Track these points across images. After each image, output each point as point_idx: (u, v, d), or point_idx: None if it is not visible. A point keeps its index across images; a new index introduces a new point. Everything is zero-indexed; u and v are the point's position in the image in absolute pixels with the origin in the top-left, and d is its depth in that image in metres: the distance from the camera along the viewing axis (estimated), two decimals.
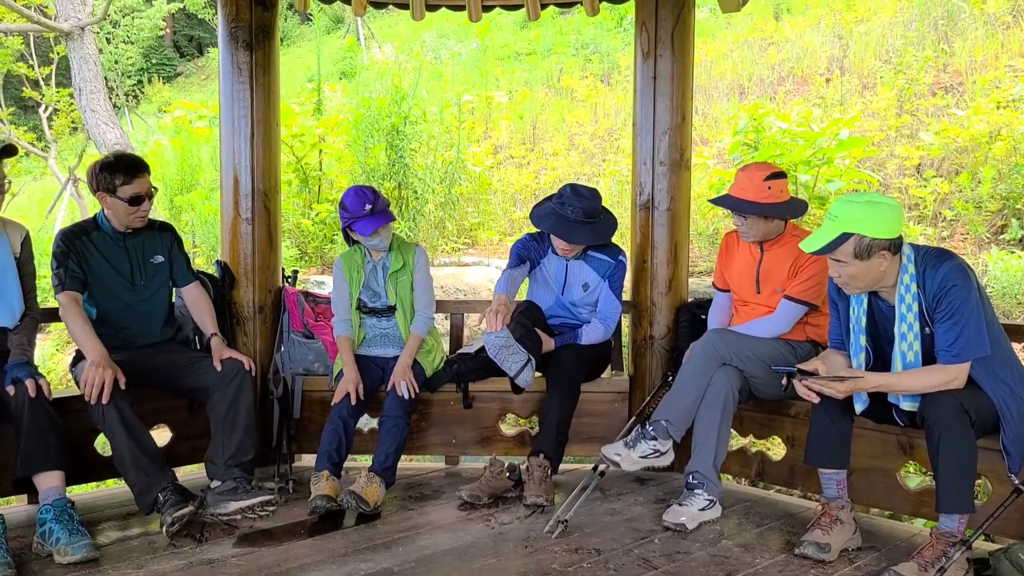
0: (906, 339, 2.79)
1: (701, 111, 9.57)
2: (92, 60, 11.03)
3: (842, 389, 2.81)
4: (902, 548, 3.00)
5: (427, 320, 3.83)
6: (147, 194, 3.48)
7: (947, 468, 2.68)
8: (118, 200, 3.41)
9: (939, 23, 9.56)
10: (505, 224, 8.89)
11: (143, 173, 3.46)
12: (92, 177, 3.45)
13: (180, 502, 3.07)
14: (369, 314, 3.83)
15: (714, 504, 3.28)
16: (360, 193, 3.66)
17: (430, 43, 14.77)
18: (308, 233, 8.31)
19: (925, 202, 7.28)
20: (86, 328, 3.30)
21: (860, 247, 2.69)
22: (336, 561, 2.89)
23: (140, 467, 3.14)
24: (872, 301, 2.90)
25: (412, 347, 3.75)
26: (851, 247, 2.70)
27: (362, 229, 3.63)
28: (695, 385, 3.30)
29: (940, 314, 2.72)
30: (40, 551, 2.91)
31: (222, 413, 3.36)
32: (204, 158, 9.79)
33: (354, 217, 3.64)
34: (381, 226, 3.65)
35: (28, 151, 13.13)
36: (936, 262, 2.75)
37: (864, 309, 2.90)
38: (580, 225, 3.70)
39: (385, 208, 3.71)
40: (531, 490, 3.44)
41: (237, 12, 3.95)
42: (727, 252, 3.70)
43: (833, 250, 2.72)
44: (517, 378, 3.50)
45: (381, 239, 3.72)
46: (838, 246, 2.71)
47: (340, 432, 3.52)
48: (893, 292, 2.81)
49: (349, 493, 3.27)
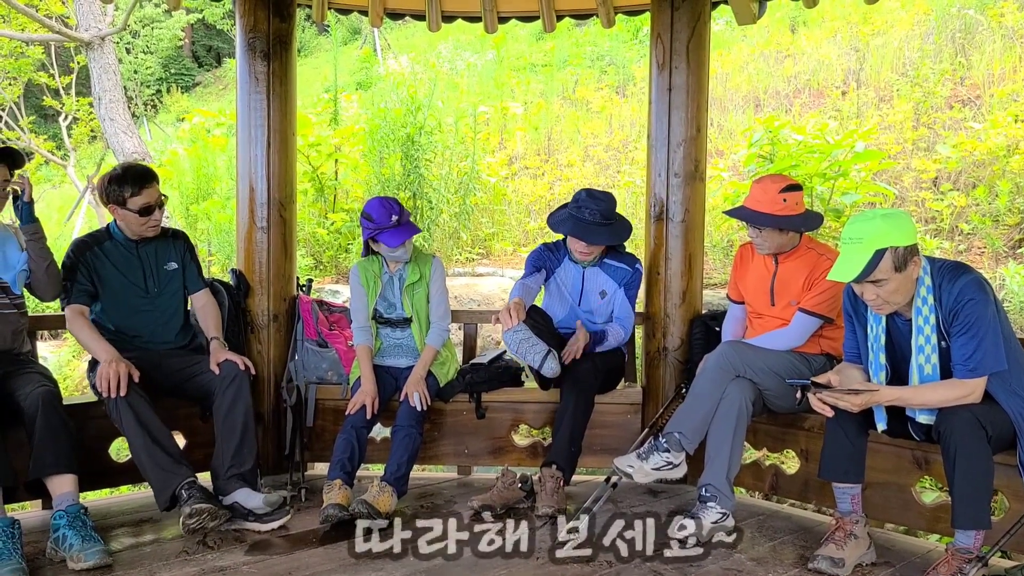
0: (923, 352, 2.77)
1: (716, 123, 9.56)
2: (112, 70, 11.13)
3: (857, 403, 2.79)
4: (917, 564, 2.97)
5: (442, 332, 3.83)
6: (157, 203, 3.51)
7: (963, 483, 2.66)
8: (128, 212, 3.45)
9: (956, 36, 9.52)
10: (519, 235, 8.90)
11: (151, 183, 3.47)
12: (102, 190, 3.49)
13: (200, 499, 3.08)
14: (384, 324, 3.84)
15: (727, 517, 3.26)
16: (386, 204, 3.65)
17: (446, 54, 14.82)
18: (323, 242, 8.34)
19: (942, 215, 7.23)
20: (93, 334, 3.37)
21: (897, 259, 2.67)
22: (347, 570, 2.89)
23: (157, 463, 3.16)
24: (888, 317, 2.89)
25: (426, 359, 3.75)
26: (890, 262, 2.66)
27: (388, 240, 3.62)
28: (709, 397, 3.28)
29: (956, 328, 2.70)
30: (53, 557, 2.92)
31: (220, 421, 3.37)
32: (220, 167, 9.86)
33: (380, 228, 3.63)
34: (407, 239, 3.66)
35: (48, 159, 13.26)
36: (953, 276, 2.73)
37: (883, 327, 2.88)
38: (597, 227, 3.71)
39: (409, 220, 3.73)
40: (543, 501, 3.44)
41: (255, 23, 3.98)
42: (742, 264, 3.69)
43: (873, 271, 2.67)
44: (542, 369, 3.48)
45: (405, 251, 3.73)
46: (877, 265, 2.66)
47: (353, 442, 3.52)
48: (909, 307, 2.79)
49: (361, 502, 3.27)
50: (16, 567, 2.73)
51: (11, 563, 2.73)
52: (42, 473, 3.00)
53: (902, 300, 2.77)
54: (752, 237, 3.47)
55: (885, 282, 2.69)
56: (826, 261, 3.38)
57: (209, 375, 3.43)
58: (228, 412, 3.36)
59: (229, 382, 3.39)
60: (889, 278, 2.69)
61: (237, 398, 3.38)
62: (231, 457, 3.32)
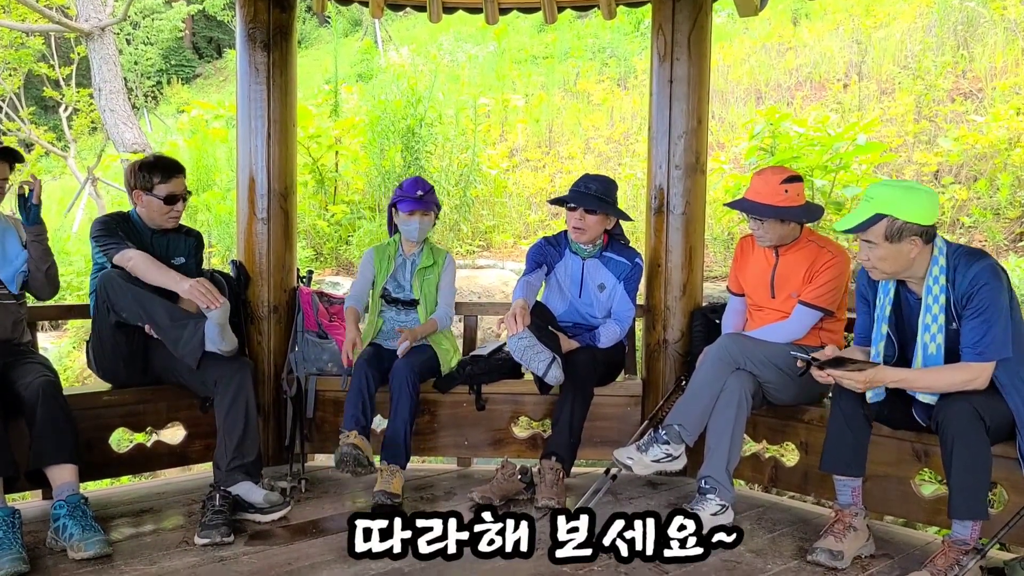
0: (929, 330, 2.77)
1: (717, 115, 9.53)
2: (112, 61, 11.10)
3: (861, 380, 2.77)
4: (916, 556, 2.98)
5: (447, 313, 3.95)
6: (182, 195, 3.60)
7: (960, 473, 2.66)
8: (153, 198, 3.52)
9: (958, 29, 9.49)
10: (520, 227, 8.88)
11: (179, 175, 3.59)
12: (130, 175, 3.56)
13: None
14: (392, 304, 3.91)
15: (726, 509, 3.26)
16: (418, 181, 3.94)
17: (447, 46, 14.77)
18: (323, 234, 8.34)
19: (943, 209, 7.22)
20: (162, 266, 3.42)
21: (892, 229, 2.68)
22: (347, 561, 2.89)
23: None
24: (900, 292, 2.89)
25: (427, 327, 3.85)
26: (883, 228, 2.69)
27: (404, 207, 3.85)
28: (708, 389, 3.28)
29: (969, 311, 2.71)
30: (54, 546, 2.93)
31: (223, 413, 3.37)
32: (220, 158, 9.84)
33: (403, 196, 3.87)
34: (420, 209, 3.85)
35: (48, 150, 13.24)
36: (969, 260, 2.73)
37: (891, 299, 2.89)
38: (593, 198, 3.76)
39: (434, 201, 3.94)
40: (543, 493, 3.44)
41: (255, 13, 3.98)
42: (742, 256, 3.69)
43: (865, 230, 2.72)
44: (546, 376, 3.49)
45: (418, 226, 3.87)
46: (870, 226, 2.70)
47: (363, 391, 3.60)
48: (922, 284, 2.80)
49: (380, 493, 3.41)
50: (16, 556, 2.74)
51: (11, 553, 2.74)
52: (43, 463, 3.01)
53: (889, 272, 2.79)
54: (753, 229, 3.46)
55: (875, 246, 2.73)
56: (827, 254, 3.38)
57: (211, 366, 3.41)
58: (231, 404, 3.36)
59: (231, 374, 3.39)
60: (879, 244, 2.72)
61: (239, 390, 3.38)
62: (234, 449, 3.33)
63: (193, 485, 3.72)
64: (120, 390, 3.62)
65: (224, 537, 3.02)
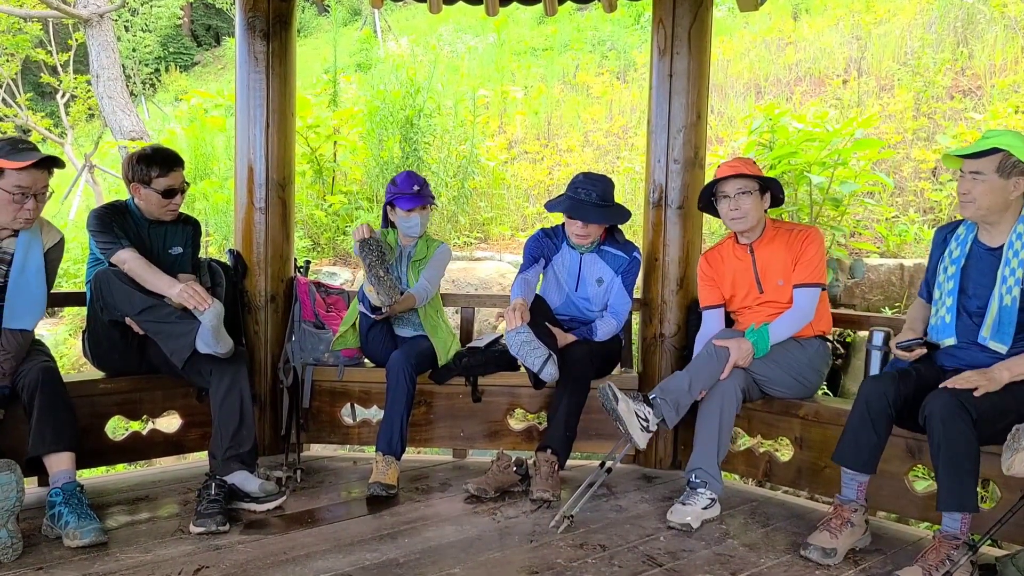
0: (1006, 282, 2.81)
1: (717, 110, 9.53)
2: (110, 47, 11.06)
3: (984, 382, 2.72)
4: (908, 552, 2.99)
5: (425, 287, 3.87)
6: (180, 188, 3.56)
7: (946, 465, 2.67)
8: (152, 192, 3.48)
9: (958, 26, 9.49)
10: (518, 219, 8.88)
11: (178, 167, 3.54)
12: (128, 168, 3.51)
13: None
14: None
15: (715, 503, 3.28)
16: (412, 176, 3.90)
17: (447, 37, 14.75)
18: (321, 224, 8.32)
19: (940, 206, 7.23)
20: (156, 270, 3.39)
21: (1006, 163, 2.76)
22: (342, 551, 2.91)
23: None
24: (974, 247, 2.93)
25: (405, 301, 3.77)
26: (997, 161, 2.77)
27: (403, 204, 3.82)
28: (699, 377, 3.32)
29: None
30: (49, 534, 2.94)
31: (218, 403, 3.36)
32: (218, 147, 9.81)
33: (399, 193, 3.84)
34: (419, 205, 3.83)
35: (45, 137, 13.20)
36: None
37: (966, 251, 2.93)
38: (594, 207, 3.72)
39: (430, 195, 3.91)
40: (538, 485, 3.46)
41: (255, 2, 3.96)
42: (712, 270, 3.66)
43: (980, 158, 2.78)
44: (541, 373, 3.50)
45: (416, 221, 3.86)
46: (986, 155, 2.77)
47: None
48: (1001, 234, 2.85)
49: (376, 484, 3.44)
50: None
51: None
52: (42, 451, 3.01)
53: (986, 207, 2.81)
54: (731, 212, 3.46)
55: (982, 177, 2.79)
56: (800, 233, 3.47)
57: (206, 357, 3.39)
58: (226, 394, 3.35)
59: (226, 364, 3.39)
60: (987, 176, 2.78)
61: (234, 380, 3.37)
62: (230, 439, 3.33)
63: (189, 474, 3.72)
64: (116, 378, 3.62)
65: (219, 526, 3.02)
